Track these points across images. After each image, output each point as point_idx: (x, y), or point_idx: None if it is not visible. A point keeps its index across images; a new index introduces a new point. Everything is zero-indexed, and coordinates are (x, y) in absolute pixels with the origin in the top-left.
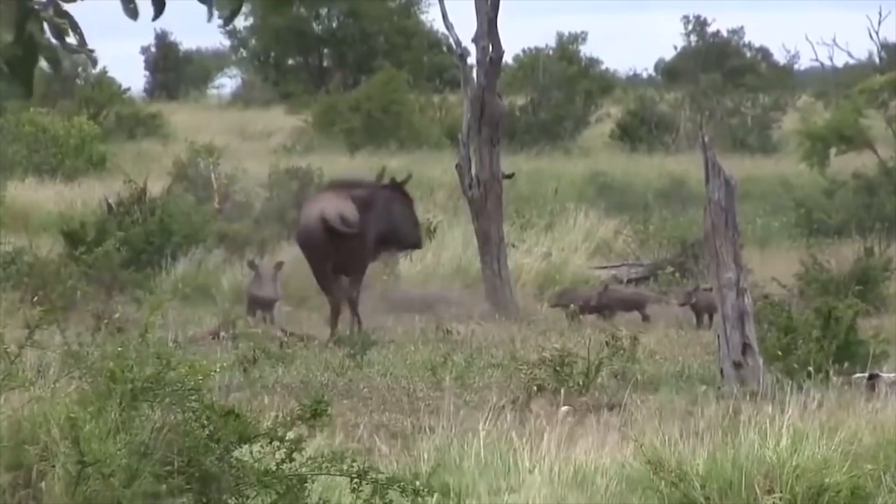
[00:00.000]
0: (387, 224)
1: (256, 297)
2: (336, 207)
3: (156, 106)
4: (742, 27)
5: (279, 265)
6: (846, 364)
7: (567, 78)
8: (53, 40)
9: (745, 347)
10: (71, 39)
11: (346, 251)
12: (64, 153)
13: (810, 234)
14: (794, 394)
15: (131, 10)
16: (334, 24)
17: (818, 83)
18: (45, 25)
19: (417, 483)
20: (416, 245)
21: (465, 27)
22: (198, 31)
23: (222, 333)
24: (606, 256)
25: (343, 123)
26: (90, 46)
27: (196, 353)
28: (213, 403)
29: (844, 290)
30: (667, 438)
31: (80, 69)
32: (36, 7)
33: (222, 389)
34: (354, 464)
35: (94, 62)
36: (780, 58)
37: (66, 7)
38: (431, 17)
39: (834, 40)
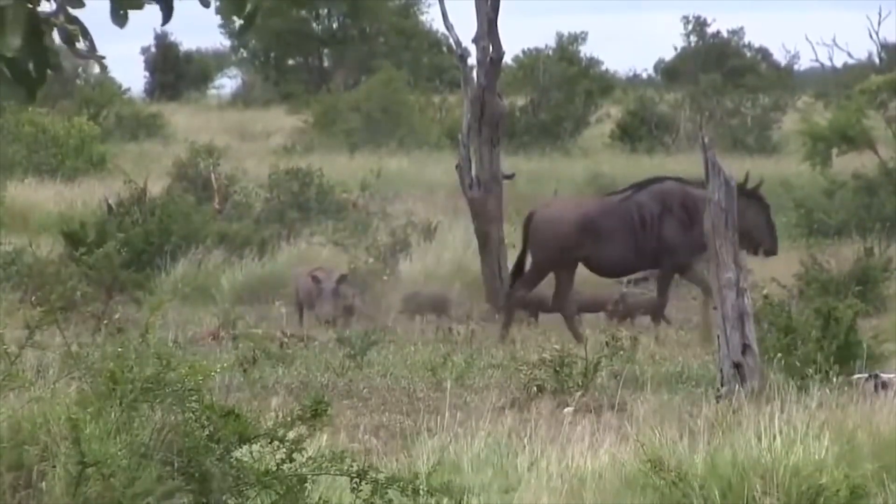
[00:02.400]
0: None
1: (316, 315)
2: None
3: (156, 106)
4: (742, 27)
5: (342, 278)
6: (846, 364)
7: (567, 78)
8: (63, 45)
9: (745, 348)
10: (80, 45)
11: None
12: (64, 153)
13: (810, 235)
14: (794, 394)
15: (120, 19)
16: (334, 25)
17: (818, 83)
18: (55, 31)
19: (417, 483)
20: (771, 252)
21: (466, 27)
22: (197, 32)
23: (222, 334)
24: None
25: (343, 123)
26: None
27: (196, 353)
28: (214, 404)
29: (844, 291)
30: (666, 438)
31: (80, 70)
32: (46, 14)
33: (222, 390)
34: (354, 464)
35: (105, 68)
36: (780, 58)
37: (73, 10)
38: (431, 17)
39: (834, 40)
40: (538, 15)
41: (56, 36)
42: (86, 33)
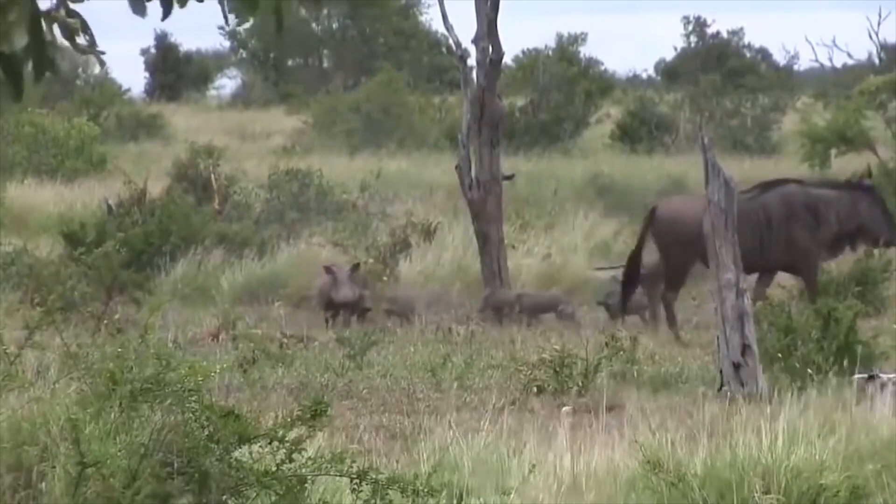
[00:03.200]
0: (851, 223)
1: (334, 301)
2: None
3: (156, 107)
4: (742, 28)
5: (356, 267)
6: (846, 365)
7: (567, 79)
8: (64, 42)
9: (745, 348)
10: (80, 40)
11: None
12: (64, 154)
13: None
14: (794, 395)
15: (140, 9)
16: (334, 25)
17: (818, 84)
18: (56, 26)
19: (417, 484)
20: (891, 242)
21: (465, 28)
22: (198, 32)
23: (222, 334)
24: (606, 257)
25: (343, 124)
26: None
27: (196, 353)
28: (213, 404)
29: (844, 291)
30: (665, 439)
31: (80, 70)
32: (47, 8)
33: (222, 390)
34: (354, 464)
35: (103, 64)
36: (779, 58)
37: (71, 6)
38: (431, 17)
39: (833, 41)
40: (538, 15)
41: (56, 31)
42: (86, 28)
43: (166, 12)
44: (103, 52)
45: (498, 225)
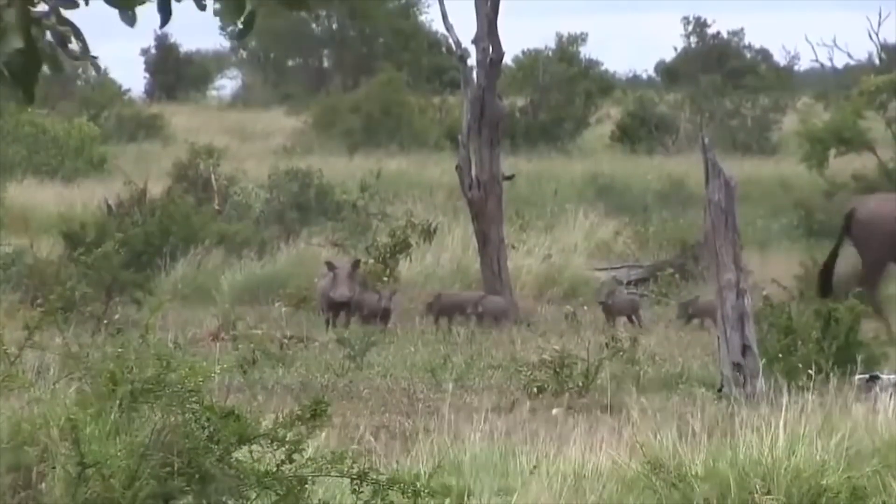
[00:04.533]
0: None
1: (332, 300)
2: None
3: (156, 107)
4: (742, 28)
5: (356, 264)
6: (846, 365)
7: (567, 79)
8: (57, 46)
9: (745, 349)
10: (73, 46)
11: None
12: (64, 154)
13: (810, 236)
14: (794, 395)
15: (129, 18)
16: (334, 26)
17: (818, 84)
18: (48, 33)
19: (418, 484)
20: None
21: (465, 28)
22: (197, 33)
23: (222, 334)
24: (606, 258)
25: (343, 125)
26: (92, 52)
27: (196, 354)
28: (213, 405)
29: (844, 292)
30: (666, 439)
31: (80, 70)
32: (38, 15)
33: (222, 391)
34: (355, 465)
35: (98, 69)
36: (780, 59)
37: (65, 12)
38: (431, 17)
39: (834, 41)
40: (538, 15)
41: (49, 37)
42: (78, 34)
43: (164, 20)
44: (96, 58)
45: (498, 225)
